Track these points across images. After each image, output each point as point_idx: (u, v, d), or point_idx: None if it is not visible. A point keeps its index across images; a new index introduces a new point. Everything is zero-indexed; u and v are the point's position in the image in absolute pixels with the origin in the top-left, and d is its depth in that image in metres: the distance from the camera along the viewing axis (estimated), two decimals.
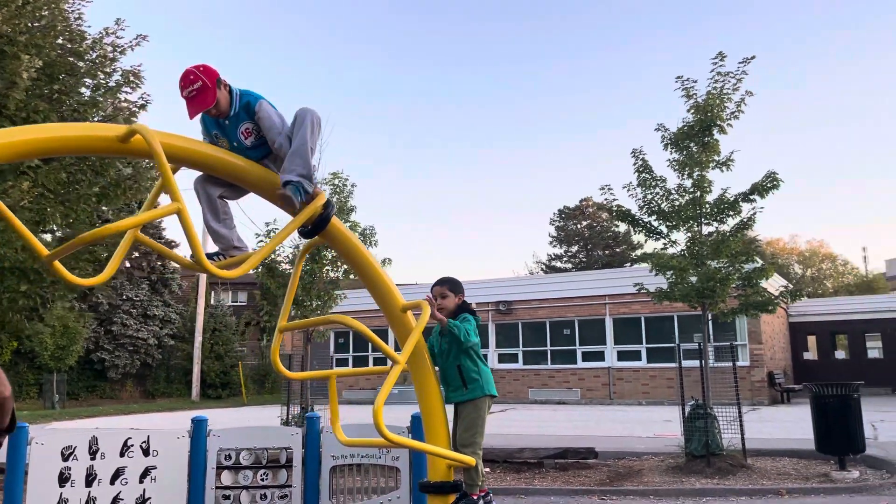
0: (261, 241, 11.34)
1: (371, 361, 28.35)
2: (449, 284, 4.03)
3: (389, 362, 3.23)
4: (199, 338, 29.82)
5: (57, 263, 2.92)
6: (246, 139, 3.46)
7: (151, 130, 2.77)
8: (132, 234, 3.13)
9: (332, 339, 27.64)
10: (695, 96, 10.08)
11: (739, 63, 9.89)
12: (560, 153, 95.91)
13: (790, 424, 15.27)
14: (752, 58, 9.83)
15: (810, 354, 29.40)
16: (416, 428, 5.98)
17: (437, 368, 3.86)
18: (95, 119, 8.23)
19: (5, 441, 2.81)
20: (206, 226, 3.35)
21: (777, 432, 13.57)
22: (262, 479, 6.29)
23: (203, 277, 30.80)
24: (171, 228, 38.61)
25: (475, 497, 3.60)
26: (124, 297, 32.90)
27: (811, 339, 29.46)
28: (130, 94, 8.45)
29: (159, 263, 34.41)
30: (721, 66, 9.99)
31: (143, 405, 27.84)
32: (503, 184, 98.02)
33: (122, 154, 2.85)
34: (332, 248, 3.52)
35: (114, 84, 8.52)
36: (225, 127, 3.48)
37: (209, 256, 3.38)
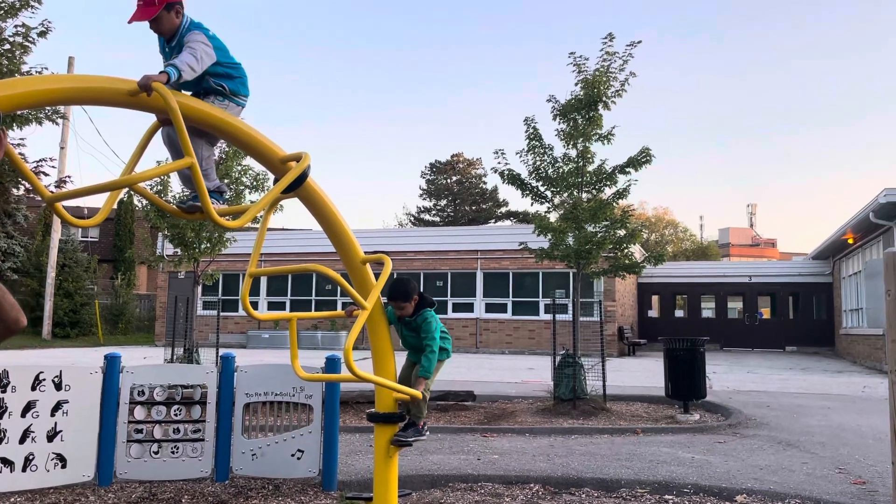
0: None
1: (239, 306, 28.11)
2: (402, 297, 4.14)
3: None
4: (51, 273, 28.13)
5: (58, 205, 3.09)
6: None
7: (166, 88, 2.99)
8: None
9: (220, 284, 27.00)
10: (585, 72, 10.84)
11: (627, 46, 10.72)
12: (434, 109, 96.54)
13: (638, 374, 17.03)
14: (639, 42, 10.69)
15: (654, 312, 32.28)
16: (330, 368, 6.48)
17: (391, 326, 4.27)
18: None
19: None
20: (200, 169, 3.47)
21: (628, 380, 15.14)
22: (176, 415, 6.52)
23: None
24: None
25: (420, 426, 4.15)
26: None
27: (655, 299, 32.31)
28: (30, 17, 8.00)
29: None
30: (610, 46, 10.76)
31: None
32: (379, 138, 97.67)
33: (132, 107, 3.02)
34: (304, 203, 3.84)
35: (6, 6, 8.03)
36: (167, 53, 3.41)
37: (180, 203, 3.60)
